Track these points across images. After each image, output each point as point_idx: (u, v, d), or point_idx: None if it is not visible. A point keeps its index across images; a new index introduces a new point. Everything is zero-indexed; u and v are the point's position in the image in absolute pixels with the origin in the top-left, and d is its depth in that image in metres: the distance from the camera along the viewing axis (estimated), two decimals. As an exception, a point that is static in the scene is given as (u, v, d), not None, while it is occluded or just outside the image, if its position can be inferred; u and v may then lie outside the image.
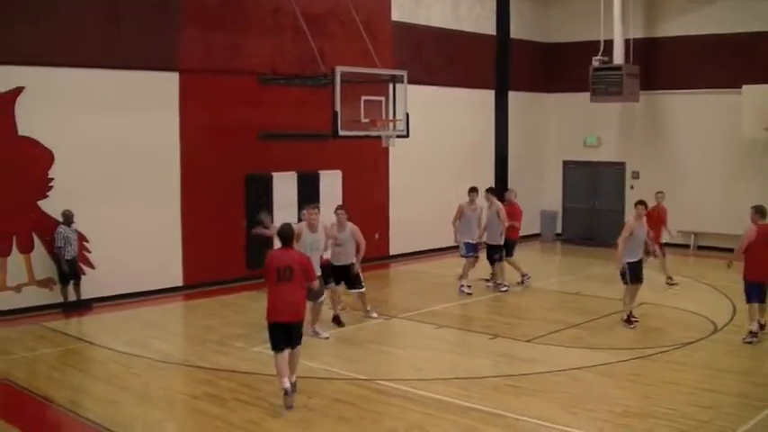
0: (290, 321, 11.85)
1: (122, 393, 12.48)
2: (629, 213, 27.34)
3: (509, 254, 20.53)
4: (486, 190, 20.65)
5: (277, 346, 11.81)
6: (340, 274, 16.47)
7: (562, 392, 12.28)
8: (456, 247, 20.26)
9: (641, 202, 17.33)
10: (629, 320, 16.60)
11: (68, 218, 17.73)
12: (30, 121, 17.48)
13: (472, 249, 19.88)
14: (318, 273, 14.46)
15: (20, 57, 17.26)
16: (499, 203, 20.13)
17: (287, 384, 11.59)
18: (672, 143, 27.30)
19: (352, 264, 16.43)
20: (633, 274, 16.72)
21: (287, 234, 12.03)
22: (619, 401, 11.78)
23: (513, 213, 20.60)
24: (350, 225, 16.49)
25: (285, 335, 11.84)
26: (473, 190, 20.06)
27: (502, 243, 19.85)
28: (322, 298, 15.52)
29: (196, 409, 11.88)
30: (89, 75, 18.25)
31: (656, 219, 19.89)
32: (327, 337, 15.60)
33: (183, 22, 19.76)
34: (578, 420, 11.01)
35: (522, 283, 20.57)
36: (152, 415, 11.51)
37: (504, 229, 19.80)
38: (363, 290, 16.88)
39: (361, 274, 16.73)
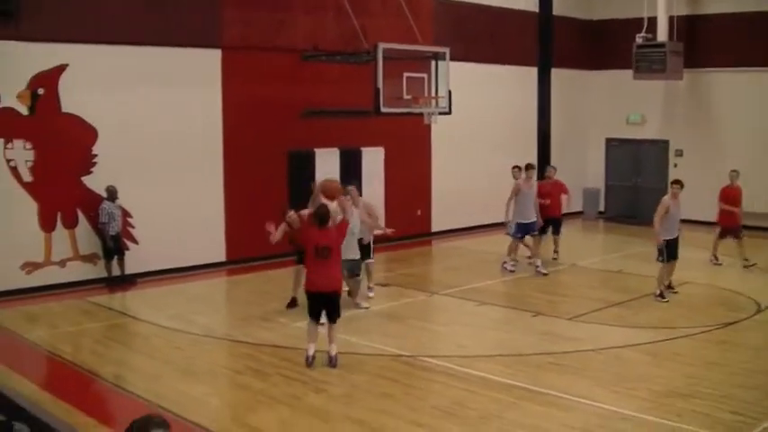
0: (327, 291, 12.43)
1: (166, 368, 12.60)
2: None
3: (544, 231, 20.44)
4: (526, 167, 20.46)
5: (312, 314, 12.58)
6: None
7: (604, 371, 12.26)
8: (502, 224, 20.19)
9: (677, 182, 17.53)
10: (662, 295, 16.77)
11: (112, 193, 17.86)
12: (73, 99, 17.61)
13: (523, 230, 19.62)
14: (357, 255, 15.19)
15: (63, 34, 17.38)
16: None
17: (310, 351, 12.43)
18: (716, 121, 27.05)
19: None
20: (669, 252, 17.00)
21: (322, 215, 12.42)
22: (661, 381, 11.73)
23: (553, 190, 20.56)
24: (361, 203, 16.58)
25: (322, 304, 12.50)
26: (529, 167, 19.92)
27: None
28: (359, 278, 15.84)
29: (239, 384, 11.97)
30: (132, 52, 18.34)
31: (732, 199, 19.67)
32: (368, 307, 15.87)
33: (225, 0, 19.77)
34: (620, 399, 10.98)
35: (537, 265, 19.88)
36: (195, 389, 11.59)
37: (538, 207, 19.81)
38: (372, 260, 17.10)
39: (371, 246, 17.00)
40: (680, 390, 11.33)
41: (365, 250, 16.55)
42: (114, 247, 18.02)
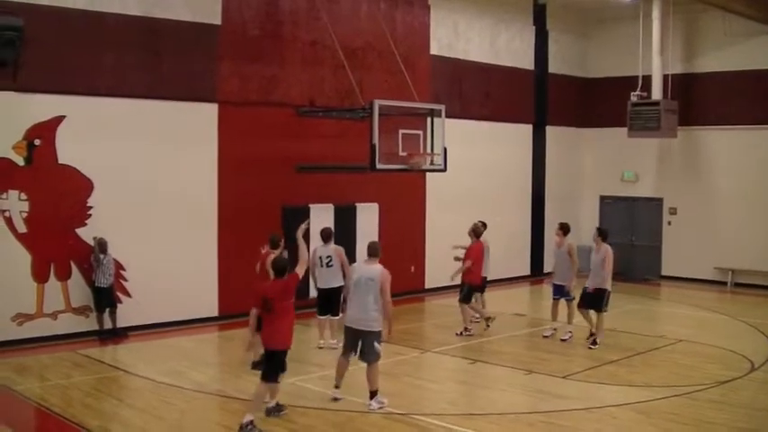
0: (270, 349, 12.21)
1: (156, 423, 12.49)
2: (666, 249, 27.45)
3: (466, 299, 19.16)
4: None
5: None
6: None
7: (598, 430, 12.18)
8: (496, 281, 20.09)
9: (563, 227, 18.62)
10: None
11: (102, 246, 17.83)
12: (70, 150, 17.65)
13: (558, 292, 18.82)
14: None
15: (61, 86, 17.48)
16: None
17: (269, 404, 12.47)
18: (710, 179, 27.15)
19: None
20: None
21: (280, 265, 12.32)
22: (656, 440, 11.68)
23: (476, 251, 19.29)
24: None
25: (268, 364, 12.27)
26: (562, 227, 18.88)
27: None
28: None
29: (230, 440, 11.88)
30: (129, 105, 18.43)
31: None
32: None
33: (221, 54, 19.90)
34: (614, 458, 10.91)
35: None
36: (186, 445, 11.51)
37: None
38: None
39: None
40: (674, 450, 11.27)
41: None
42: (106, 299, 17.95)
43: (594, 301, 17.68)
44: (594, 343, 17.52)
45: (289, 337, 12.24)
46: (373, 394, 13.10)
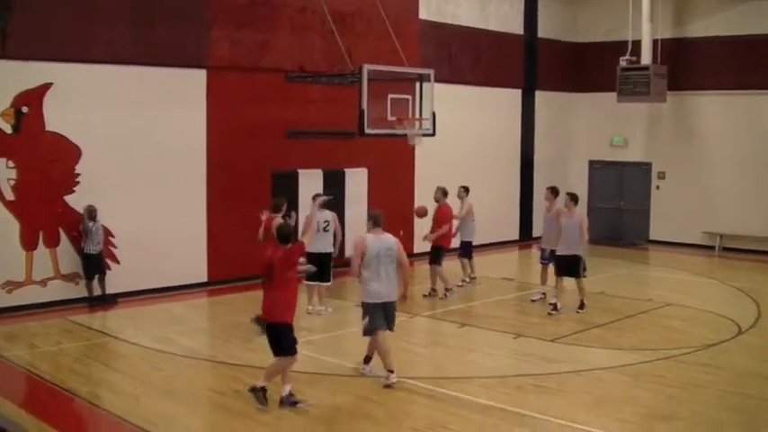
0: (267, 322, 11.63)
1: (146, 388, 12.53)
2: (655, 214, 27.52)
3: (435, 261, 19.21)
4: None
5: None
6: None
7: (586, 393, 12.25)
8: (484, 246, 20.10)
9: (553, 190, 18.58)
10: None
11: (91, 213, 17.80)
12: (58, 117, 17.56)
13: (547, 256, 18.89)
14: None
15: (48, 53, 17.37)
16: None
17: (284, 392, 11.52)
18: (698, 144, 27.16)
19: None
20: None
21: (283, 232, 11.81)
22: (643, 403, 11.74)
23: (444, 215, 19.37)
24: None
25: (269, 338, 11.62)
26: (552, 190, 18.76)
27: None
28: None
29: (220, 405, 11.91)
30: (117, 71, 18.33)
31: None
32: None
33: (211, 20, 19.80)
34: (601, 421, 10.97)
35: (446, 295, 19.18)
36: (175, 410, 11.55)
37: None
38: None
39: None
40: (662, 412, 11.35)
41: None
42: (95, 266, 17.95)
43: (571, 267, 17.49)
44: (582, 306, 17.49)
45: (289, 310, 11.56)
46: (369, 359, 13.10)
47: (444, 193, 19.25)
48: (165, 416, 11.25)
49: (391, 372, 12.51)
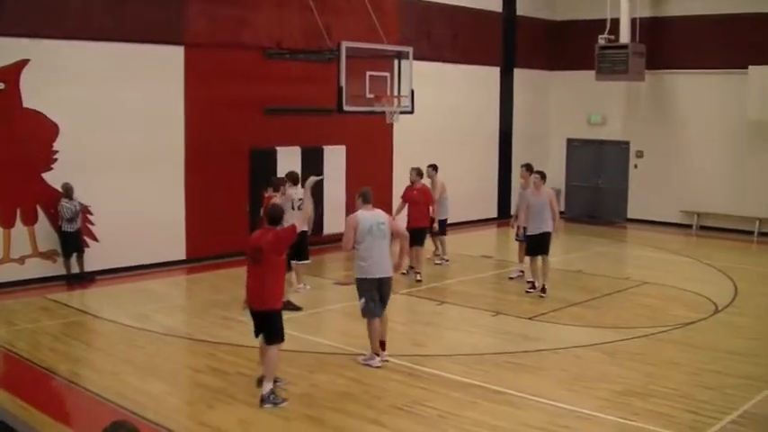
0: (254, 309, 11.15)
1: (124, 366, 12.52)
2: (633, 192, 27.64)
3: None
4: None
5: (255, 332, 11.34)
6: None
7: (563, 370, 12.33)
8: (463, 224, 20.11)
9: (533, 170, 17.99)
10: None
11: (68, 191, 17.73)
12: (35, 94, 17.45)
13: (519, 235, 18.68)
14: None
15: (25, 29, 17.24)
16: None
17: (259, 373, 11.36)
18: (676, 123, 27.25)
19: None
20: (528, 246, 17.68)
21: (274, 215, 11.21)
22: (620, 380, 11.82)
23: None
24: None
25: (256, 324, 11.23)
26: (528, 168, 18.59)
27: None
28: None
29: (198, 382, 11.93)
30: (95, 48, 18.23)
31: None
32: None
33: (189, -4, 19.74)
34: (579, 398, 11.05)
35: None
36: (154, 387, 11.54)
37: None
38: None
39: None
40: (638, 389, 11.42)
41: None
42: (73, 244, 17.90)
43: (541, 245, 17.22)
44: (544, 290, 17.12)
45: (280, 296, 11.28)
46: (384, 344, 12.79)
47: (419, 173, 19.15)
48: (145, 393, 11.25)
49: (377, 354, 12.52)
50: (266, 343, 11.06)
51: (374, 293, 12.45)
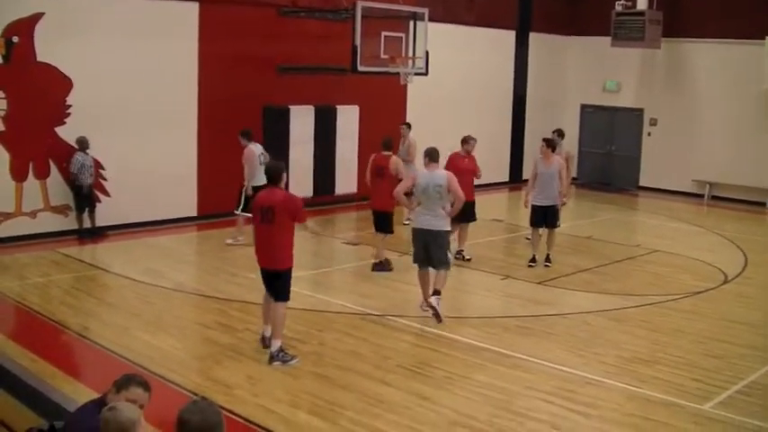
0: (266, 268, 11.13)
1: (134, 320, 12.60)
2: (645, 160, 27.56)
3: None
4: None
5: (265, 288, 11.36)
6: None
7: (571, 335, 12.36)
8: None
9: (545, 139, 17.11)
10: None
11: (83, 144, 17.72)
12: (49, 48, 17.41)
13: None
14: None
15: (40, -19, 17.22)
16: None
17: (267, 332, 11.32)
18: (691, 92, 27.09)
19: None
20: (532, 218, 17.02)
21: (273, 172, 10.98)
22: (627, 347, 11.85)
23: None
24: None
25: (266, 281, 11.25)
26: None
27: None
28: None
29: (207, 338, 12.00)
30: (109, 2, 18.16)
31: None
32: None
33: (204, -48, 19.65)
34: (585, 363, 11.10)
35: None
36: (163, 342, 11.62)
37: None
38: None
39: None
40: (644, 356, 11.45)
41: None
42: (86, 199, 17.93)
43: (546, 218, 16.74)
44: (549, 260, 16.84)
45: (291, 256, 11.05)
46: (437, 292, 12.95)
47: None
48: (154, 348, 11.33)
49: (429, 302, 12.99)
50: (275, 300, 11.05)
51: (419, 244, 13.00)
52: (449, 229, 13.16)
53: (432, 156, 13.18)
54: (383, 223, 16.20)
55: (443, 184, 12.78)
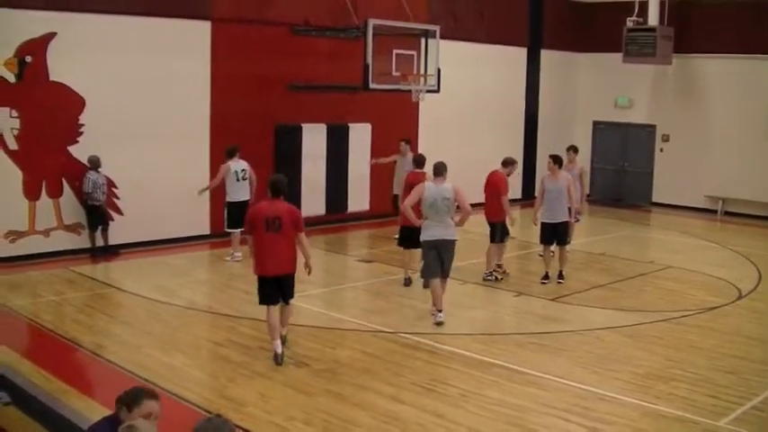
0: (276, 275, 11.60)
1: (147, 338, 12.61)
2: (658, 176, 27.52)
3: None
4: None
5: (266, 300, 11.75)
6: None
7: (585, 352, 12.32)
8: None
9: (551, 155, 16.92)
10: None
11: (95, 163, 17.78)
12: (61, 67, 17.50)
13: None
14: None
15: (52, 2, 17.29)
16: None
17: (278, 349, 11.55)
18: (703, 107, 27.05)
19: None
20: (542, 235, 16.96)
21: (279, 185, 11.63)
22: (641, 363, 11.81)
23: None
24: None
25: (274, 289, 11.69)
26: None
27: None
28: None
29: (220, 356, 11.98)
30: (121, 21, 18.23)
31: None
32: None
33: (216, -30, 19.72)
34: (600, 380, 11.05)
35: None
36: (176, 360, 11.62)
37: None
38: None
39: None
40: (659, 372, 11.41)
41: None
42: (98, 217, 17.97)
43: (555, 235, 16.66)
44: (562, 276, 16.78)
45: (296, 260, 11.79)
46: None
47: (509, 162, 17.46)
48: (167, 366, 11.33)
49: (439, 311, 13.55)
50: (287, 302, 11.88)
51: (432, 254, 13.46)
52: (457, 238, 13.65)
53: (438, 170, 13.64)
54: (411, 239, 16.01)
55: (450, 197, 13.39)
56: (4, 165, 17.08)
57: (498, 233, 16.97)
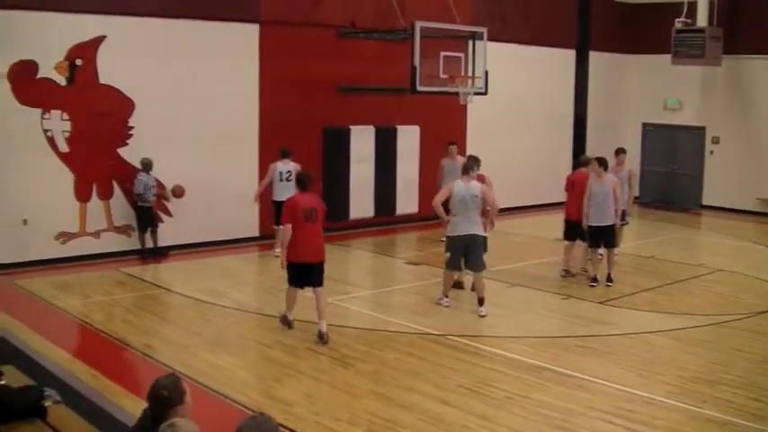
0: (311, 262, 12.66)
1: (195, 339, 12.71)
2: (708, 178, 27.28)
3: None
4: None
5: (295, 282, 12.95)
6: None
7: (632, 355, 12.24)
8: (533, 207, 19.97)
9: (596, 158, 16.73)
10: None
11: (147, 165, 17.96)
12: (111, 70, 17.70)
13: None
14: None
15: (102, 6, 17.50)
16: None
17: (290, 316, 13.09)
18: (754, 109, 26.80)
19: None
20: (590, 238, 16.83)
21: (308, 180, 12.84)
22: (689, 367, 11.71)
23: None
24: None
25: (306, 275, 12.73)
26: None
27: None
28: None
29: (267, 357, 12.06)
30: (171, 24, 18.43)
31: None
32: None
33: (264, -26, 19.83)
34: (647, 384, 10.98)
35: None
36: (223, 360, 11.70)
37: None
38: None
39: None
40: (706, 376, 11.32)
41: None
42: (148, 219, 18.14)
43: (603, 238, 16.52)
44: (610, 279, 16.63)
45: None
46: (482, 301, 14.35)
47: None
48: (214, 366, 11.41)
49: (446, 296, 14.83)
50: (318, 287, 12.70)
51: (458, 249, 14.24)
52: (485, 234, 14.48)
53: (465, 168, 14.54)
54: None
55: (479, 195, 14.16)
56: (56, 167, 17.31)
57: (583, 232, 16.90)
